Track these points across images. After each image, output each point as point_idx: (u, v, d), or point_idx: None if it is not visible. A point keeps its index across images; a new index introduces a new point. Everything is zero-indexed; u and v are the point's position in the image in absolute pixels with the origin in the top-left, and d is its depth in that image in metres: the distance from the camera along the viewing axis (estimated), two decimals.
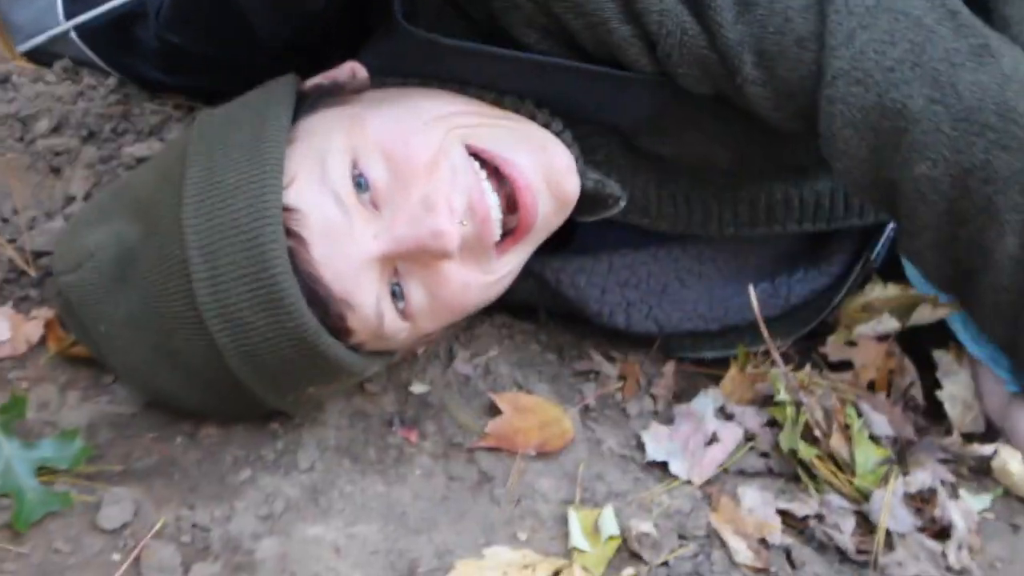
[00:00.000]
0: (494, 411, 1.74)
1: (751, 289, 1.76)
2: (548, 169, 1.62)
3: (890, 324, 1.82)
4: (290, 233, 1.51)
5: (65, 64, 1.99)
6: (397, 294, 1.59)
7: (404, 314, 1.61)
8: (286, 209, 1.51)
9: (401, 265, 1.58)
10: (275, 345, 1.53)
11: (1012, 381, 1.78)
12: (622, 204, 1.72)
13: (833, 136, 1.60)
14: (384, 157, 1.56)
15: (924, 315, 1.80)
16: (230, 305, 1.50)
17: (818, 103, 1.59)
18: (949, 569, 1.62)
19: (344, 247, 1.54)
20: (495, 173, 1.62)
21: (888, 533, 1.64)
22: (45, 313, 1.75)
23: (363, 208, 1.55)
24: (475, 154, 1.61)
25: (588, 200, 1.70)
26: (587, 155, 1.71)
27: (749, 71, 1.60)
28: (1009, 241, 1.57)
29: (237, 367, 1.54)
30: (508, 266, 1.67)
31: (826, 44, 1.57)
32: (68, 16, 1.86)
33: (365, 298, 1.56)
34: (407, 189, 1.55)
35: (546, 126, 1.67)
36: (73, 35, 1.86)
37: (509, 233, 1.63)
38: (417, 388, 1.77)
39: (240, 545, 1.56)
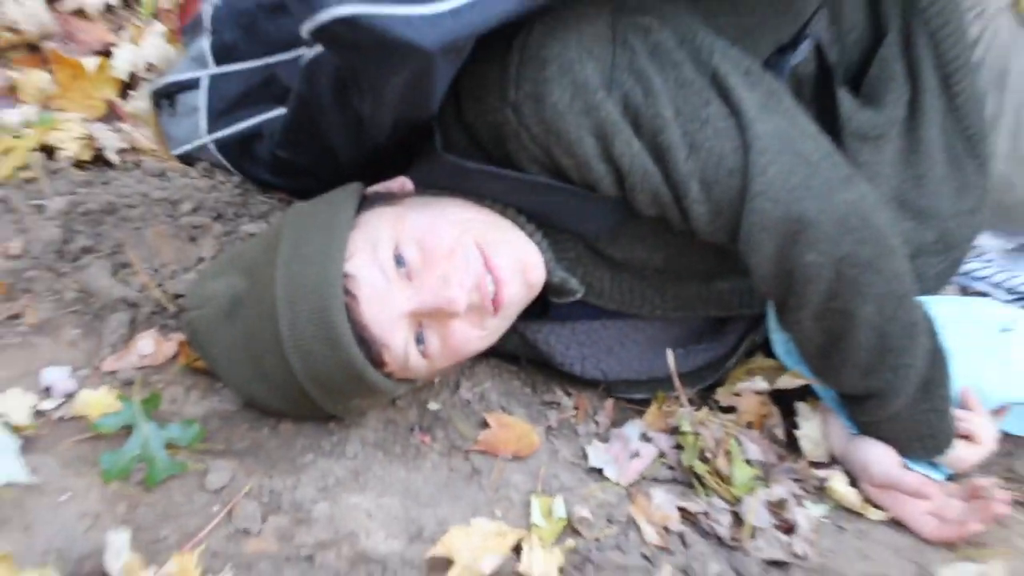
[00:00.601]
0: (485, 425, 1.86)
1: (669, 354, 1.89)
2: (522, 266, 1.75)
3: (762, 384, 1.94)
4: (347, 292, 1.65)
5: (204, 165, 2.08)
6: (420, 340, 1.72)
7: (424, 354, 1.73)
8: (345, 276, 1.66)
9: (424, 320, 1.71)
10: (332, 370, 1.67)
11: (852, 426, 1.92)
12: (579, 295, 1.83)
13: (751, 238, 1.71)
14: (417, 244, 1.69)
15: (786, 381, 1.93)
16: (302, 341, 1.65)
17: (741, 215, 1.70)
18: (794, 555, 1.76)
19: (385, 305, 1.68)
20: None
21: (753, 528, 1.78)
22: (178, 337, 1.86)
23: (400, 279, 1.69)
24: (478, 245, 1.72)
25: (556, 288, 1.81)
26: (559, 255, 1.81)
27: (695, 195, 1.70)
28: (868, 308, 1.72)
29: (305, 383, 1.68)
30: (496, 326, 1.78)
31: (748, 175, 1.68)
32: (209, 133, 1.98)
33: (397, 342, 1.69)
34: (432, 268, 1.68)
35: (530, 235, 1.78)
36: (211, 146, 1.98)
37: (498, 304, 1.73)
38: (432, 405, 1.88)
39: (302, 506, 1.70)
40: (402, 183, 1.85)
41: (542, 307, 1.88)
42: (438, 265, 1.71)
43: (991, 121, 2.11)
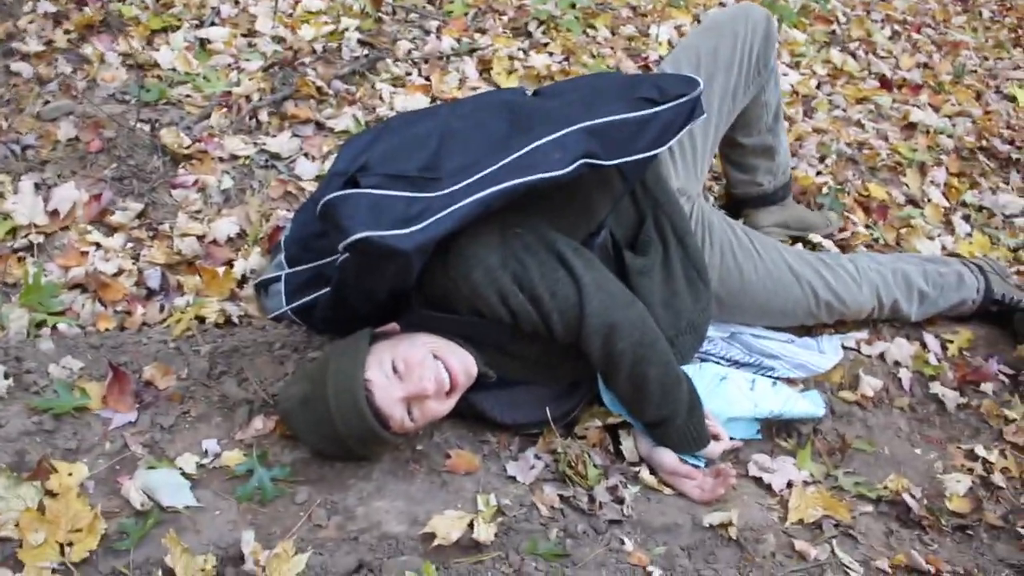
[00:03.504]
0: (448, 456, 1.85)
1: (547, 409, 1.91)
2: (464, 366, 1.75)
3: (598, 422, 1.96)
4: (366, 389, 1.67)
5: (286, 322, 2.08)
6: (410, 413, 1.72)
7: (412, 420, 1.72)
8: (365, 380, 1.67)
9: (411, 402, 1.71)
10: (361, 433, 1.67)
11: (651, 441, 1.93)
12: (494, 378, 1.84)
13: (587, 339, 1.76)
14: (403, 359, 1.71)
15: (611, 419, 1.95)
16: (344, 418, 1.66)
17: (581, 327, 1.75)
18: (624, 515, 1.78)
19: (388, 394, 1.68)
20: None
21: (600, 502, 1.79)
22: (275, 418, 1.84)
23: (396, 379, 1.70)
24: (437, 357, 1.74)
25: (481, 375, 1.81)
26: (482, 356, 1.81)
27: (556, 318, 1.75)
28: (653, 369, 1.80)
29: (347, 441, 1.69)
30: (453, 401, 1.77)
31: (582, 304, 1.73)
32: (287, 305, 1.99)
33: (397, 415, 1.70)
34: (411, 372, 1.70)
35: (466, 348, 1.79)
36: (289, 313, 1.99)
37: (452, 389, 1.75)
38: (419, 446, 1.86)
39: (349, 509, 1.71)
40: (393, 326, 1.84)
41: (475, 385, 1.85)
42: (414, 370, 1.71)
43: (708, 257, 2.17)
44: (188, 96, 2.84)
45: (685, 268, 2.05)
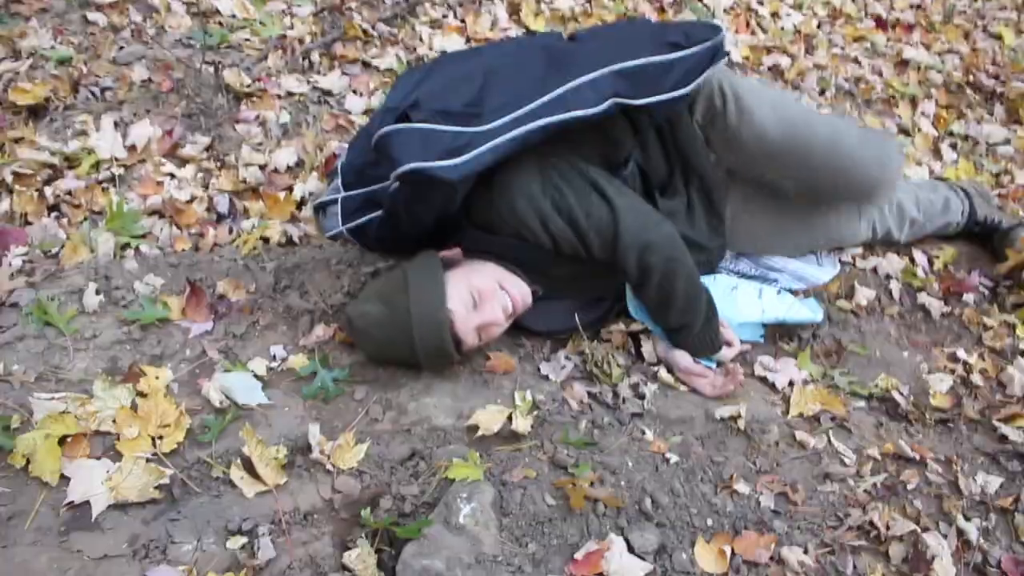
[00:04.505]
0: (488, 358, 1.85)
1: (576, 316, 1.91)
2: (523, 294, 1.78)
3: (623, 327, 1.96)
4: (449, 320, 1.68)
5: (342, 241, 2.03)
6: (480, 337, 1.75)
7: (480, 342, 1.76)
8: (449, 310, 1.68)
9: (482, 328, 1.74)
10: (438, 355, 1.70)
11: (669, 344, 1.93)
12: (540, 293, 1.84)
13: (623, 255, 1.75)
14: (477, 291, 1.72)
15: (635, 326, 1.95)
16: (425, 343, 1.67)
17: (616, 244, 1.75)
18: (644, 409, 1.78)
19: (466, 323, 1.70)
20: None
21: (623, 397, 1.80)
22: (335, 326, 1.86)
23: (473, 309, 1.72)
24: (503, 287, 1.76)
25: (532, 292, 1.82)
26: (530, 276, 1.82)
27: (592, 237, 1.74)
28: (679, 282, 1.79)
29: (422, 359, 1.71)
30: (508, 323, 1.81)
31: (616, 223, 1.73)
32: (343, 225, 1.94)
33: (471, 340, 1.73)
34: (485, 303, 1.72)
35: (519, 276, 1.80)
36: (345, 232, 1.94)
37: (511, 315, 1.78)
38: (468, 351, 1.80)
39: (403, 405, 1.73)
40: (456, 252, 1.83)
41: None
42: (487, 302, 1.73)
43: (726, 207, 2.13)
44: (247, 40, 2.81)
45: (707, 212, 2.05)
